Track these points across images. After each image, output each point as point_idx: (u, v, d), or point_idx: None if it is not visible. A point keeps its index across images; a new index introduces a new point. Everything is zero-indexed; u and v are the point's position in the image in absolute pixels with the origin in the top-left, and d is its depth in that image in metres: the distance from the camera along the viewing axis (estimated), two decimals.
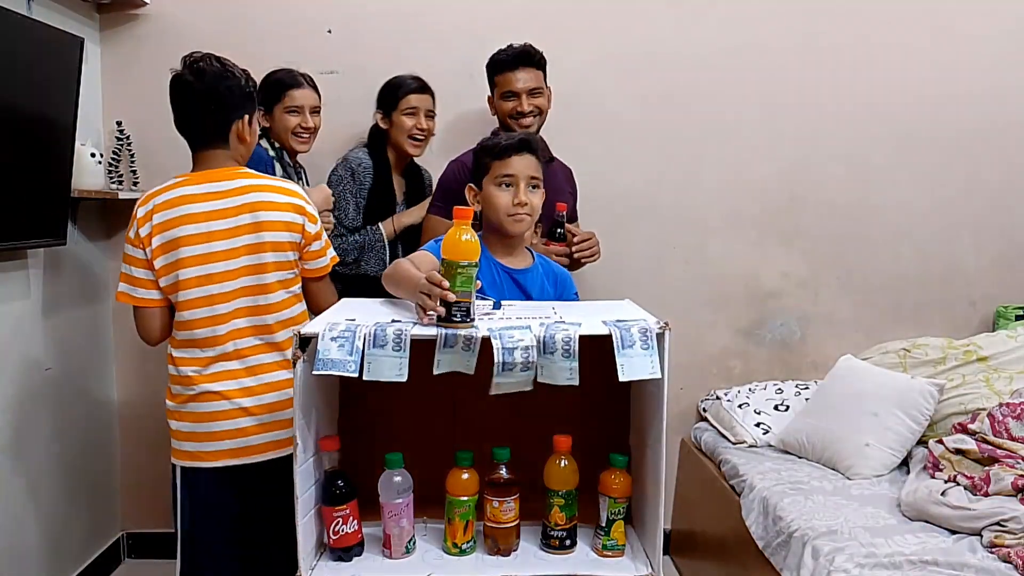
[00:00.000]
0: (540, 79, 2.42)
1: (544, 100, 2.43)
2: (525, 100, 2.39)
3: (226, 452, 1.81)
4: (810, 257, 2.98)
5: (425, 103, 2.49)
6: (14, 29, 2.07)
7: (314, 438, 1.38)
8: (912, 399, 2.39)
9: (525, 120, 2.39)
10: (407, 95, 2.46)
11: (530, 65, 2.40)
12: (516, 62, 2.39)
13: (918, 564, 1.76)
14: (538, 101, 2.41)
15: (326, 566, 1.37)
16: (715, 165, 2.90)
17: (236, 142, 1.87)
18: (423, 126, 2.47)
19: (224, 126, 1.84)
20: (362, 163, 2.46)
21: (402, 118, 2.46)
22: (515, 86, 2.38)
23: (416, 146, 2.50)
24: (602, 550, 1.40)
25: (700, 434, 2.84)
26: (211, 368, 1.81)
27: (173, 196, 1.81)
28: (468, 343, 1.24)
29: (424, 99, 2.49)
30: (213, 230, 1.78)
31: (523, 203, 1.70)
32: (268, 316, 1.82)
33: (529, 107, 2.39)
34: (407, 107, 2.46)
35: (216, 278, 1.78)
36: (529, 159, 1.73)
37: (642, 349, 1.24)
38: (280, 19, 2.78)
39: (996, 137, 2.94)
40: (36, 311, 2.43)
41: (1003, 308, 2.94)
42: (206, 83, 1.81)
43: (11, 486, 2.31)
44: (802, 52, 2.88)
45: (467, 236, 1.29)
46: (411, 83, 2.49)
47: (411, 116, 2.46)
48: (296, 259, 1.87)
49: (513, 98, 2.39)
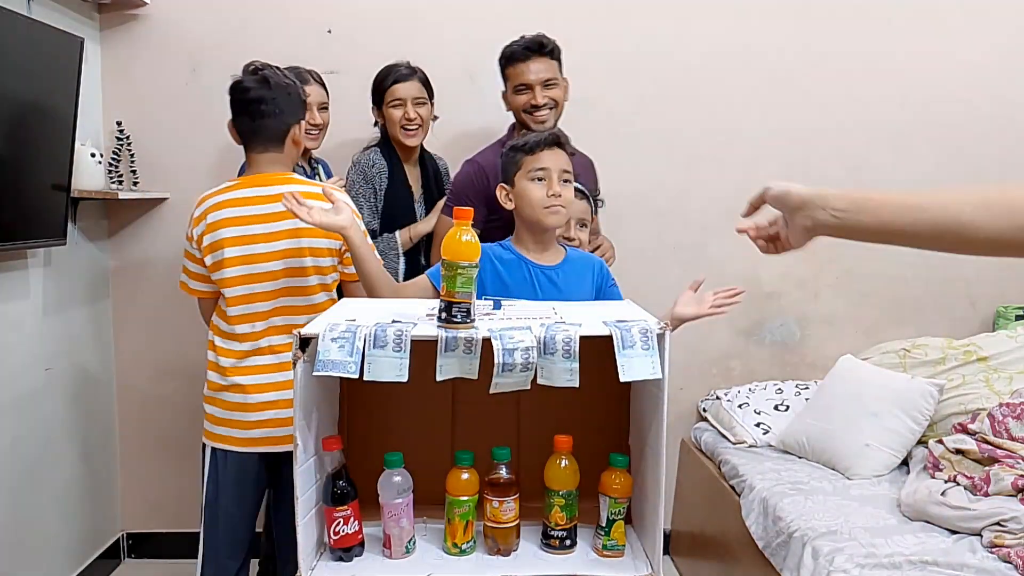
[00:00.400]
0: (554, 69, 2.31)
1: (560, 91, 2.32)
2: (539, 92, 2.28)
3: (251, 440, 1.92)
4: (810, 257, 2.98)
5: (410, 91, 2.42)
6: (14, 29, 2.07)
7: (314, 438, 1.38)
8: (912, 399, 2.39)
9: (540, 113, 2.29)
10: (391, 87, 2.43)
11: (543, 55, 2.29)
12: (528, 52, 2.28)
13: (918, 564, 1.76)
14: (553, 93, 2.30)
15: (326, 566, 1.37)
16: (715, 165, 2.90)
17: (291, 147, 1.97)
18: (411, 116, 2.41)
19: (283, 131, 1.94)
20: (375, 164, 2.43)
21: (390, 111, 2.43)
22: (527, 78, 2.28)
23: (410, 135, 2.44)
24: (602, 550, 1.40)
25: (700, 434, 2.84)
26: (245, 361, 1.92)
27: (223, 199, 1.92)
28: (469, 346, 1.24)
29: (409, 87, 2.42)
30: (254, 233, 1.88)
31: (558, 194, 1.72)
32: (305, 316, 1.88)
33: (543, 99, 2.28)
34: (392, 99, 2.42)
35: (256, 278, 1.89)
36: (560, 154, 1.77)
37: (643, 349, 1.24)
38: (280, 19, 2.78)
39: (996, 137, 2.94)
40: (36, 311, 2.43)
41: (1003, 308, 2.94)
42: (272, 89, 1.90)
43: (11, 486, 2.31)
44: (802, 52, 2.88)
45: (467, 236, 1.29)
46: (394, 73, 2.44)
47: (398, 107, 2.41)
48: (335, 264, 1.95)
49: (526, 91, 2.30)
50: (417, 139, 2.47)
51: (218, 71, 2.74)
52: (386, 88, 2.43)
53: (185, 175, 2.78)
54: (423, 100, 2.45)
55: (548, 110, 2.30)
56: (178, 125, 2.76)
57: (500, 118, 2.62)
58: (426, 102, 2.47)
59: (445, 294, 1.27)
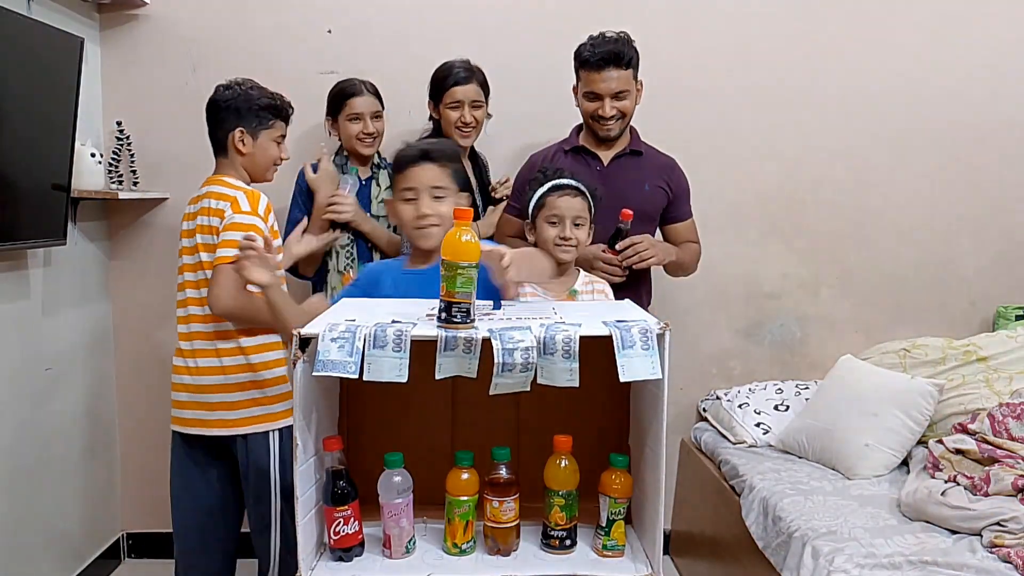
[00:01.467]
0: (628, 80, 2.25)
1: (629, 103, 2.29)
2: (608, 104, 2.25)
3: (175, 419, 2.13)
4: (810, 257, 2.98)
5: (469, 94, 2.45)
6: (14, 29, 2.07)
7: (314, 439, 1.37)
8: (912, 399, 2.39)
9: (607, 124, 2.28)
10: (451, 88, 2.44)
11: (619, 65, 2.22)
12: (602, 63, 2.22)
13: (918, 564, 1.76)
14: (622, 104, 2.27)
15: (326, 566, 1.37)
16: (715, 165, 2.90)
17: (235, 153, 2.11)
18: (467, 120, 2.45)
19: (221, 139, 2.12)
20: None
21: (447, 111, 2.45)
22: (598, 87, 2.23)
23: (464, 137, 2.48)
24: (602, 550, 1.40)
25: (700, 434, 2.84)
26: (179, 344, 2.14)
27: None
28: (468, 345, 1.24)
29: (468, 90, 2.45)
30: (183, 228, 2.12)
31: (424, 214, 1.68)
32: (208, 307, 2.02)
33: (612, 111, 2.25)
34: (451, 101, 2.45)
35: (181, 269, 2.11)
36: (430, 168, 1.70)
37: (642, 350, 1.24)
38: (280, 19, 2.79)
39: (996, 137, 2.94)
40: (36, 311, 2.43)
41: (1003, 308, 2.94)
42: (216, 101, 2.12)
43: (11, 486, 2.31)
44: (802, 52, 2.88)
45: (467, 237, 1.29)
46: (455, 75, 2.45)
47: (455, 109, 2.44)
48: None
49: (596, 100, 2.27)
50: (471, 140, 2.52)
51: (218, 71, 2.74)
52: (445, 89, 2.45)
53: (185, 175, 2.76)
54: (480, 103, 2.49)
55: (615, 121, 2.28)
56: (178, 125, 2.76)
57: (502, 118, 2.63)
58: (482, 104, 2.51)
59: (445, 294, 1.27)
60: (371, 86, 2.50)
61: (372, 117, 2.47)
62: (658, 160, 2.42)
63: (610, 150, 2.37)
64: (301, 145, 2.65)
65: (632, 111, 2.32)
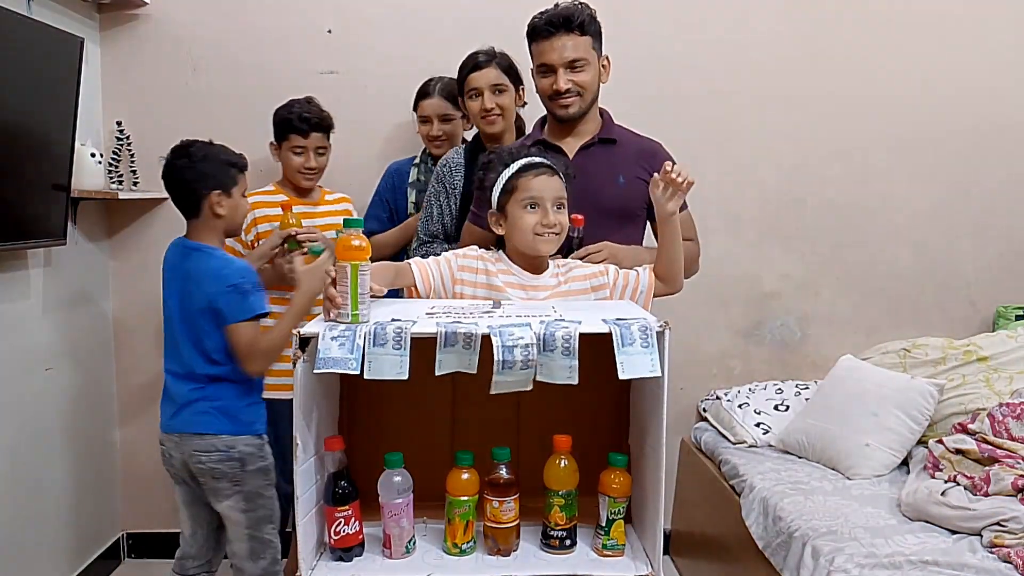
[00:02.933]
0: (586, 48, 1.91)
1: (588, 76, 1.92)
2: (561, 76, 1.91)
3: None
4: (810, 257, 2.98)
5: (488, 78, 2.26)
6: (14, 29, 2.07)
7: (315, 438, 1.38)
8: (912, 399, 2.39)
9: (564, 100, 1.93)
10: (467, 77, 2.30)
11: (570, 30, 1.89)
12: (551, 27, 1.89)
13: (918, 564, 1.76)
14: (580, 77, 1.91)
15: (326, 566, 1.37)
16: (715, 165, 2.90)
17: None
18: (488, 105, 2.25)
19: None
20: (448, 163, 2.29)
21: (470, 102, 2.30)
22: (549, 56, 1.91)
23: (491, 123, 2.27)
24: (602, 550, 1.40)
25: (700, 434, 2.84)
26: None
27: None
28: (468, 341, 1.24)
29: (486, 75, 2.26)
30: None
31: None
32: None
33: (567, 83, 1.91)
34: (469, 89, 2.29)
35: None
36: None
37: (642, 347, 1.24)
38: (280, 19, 2.78)
39: (996, 138, 2.94)
40: (36, 311, 2.43)
41: (1003, 308, 2.94)
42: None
43: (11, 486, 2.31)
44: (802, 52, 2.88)
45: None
46: (469, 61, 2.30)
47: (476, 98, 2.28)
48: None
49: (549, 73, 1.94)
50: (497, 127, 2.28)
51: (218, 71, 2.76)
52: (463, 79, 2.31)
53: None
54: (504, 87, 2.28)
55: (573, 97, 1.93)
56: (178, 125, 2.74)
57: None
58: (507, 88, 2.29)
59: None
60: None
61: (441, 120, 2.45)
62: (636, 146, 2.06)
63: (577, 140, 2.02)
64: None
65: (595, 88, 1.98)
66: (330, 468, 1.38)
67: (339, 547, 1.38)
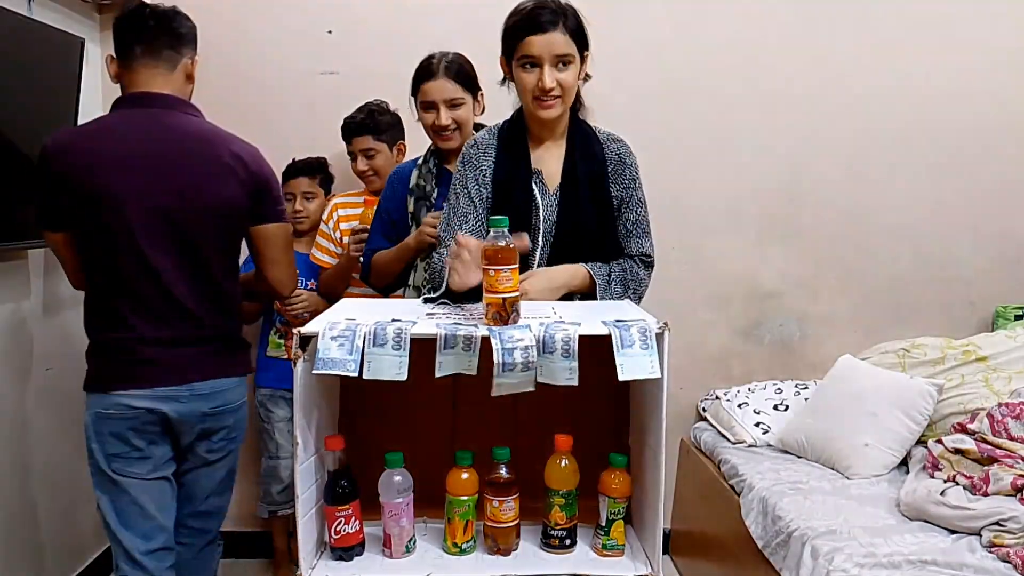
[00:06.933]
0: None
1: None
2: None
3: None
4: (809, 257, 2.99)
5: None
6: (14, 29, 2.07)
7: (315, 437, 1.38)
8: (911, 399, 2.39)
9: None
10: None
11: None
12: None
13: (917, 564, 1.76)
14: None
15: (326, 565, 1.37)
16: (715, 165, 2.90)
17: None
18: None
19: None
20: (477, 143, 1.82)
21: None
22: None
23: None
24: (602, 550, 1.40)
25: (700, 434, 2.84)
26: None
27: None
28: (468, 343, 1.24)
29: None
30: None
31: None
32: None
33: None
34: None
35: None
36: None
37: (642, 349, 1.24)
38: (280, 19, 2.79)
39: (996, 137, 2.94)
40: (36, 311, 2.44)
41: (1002, 308, 2.94)
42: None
43: (11, 486, 2.31)
44: (802, 52, 2.88)
45: None
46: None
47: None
48: None
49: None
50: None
51: (218, 71, 2.75)
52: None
53: None
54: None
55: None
56: None
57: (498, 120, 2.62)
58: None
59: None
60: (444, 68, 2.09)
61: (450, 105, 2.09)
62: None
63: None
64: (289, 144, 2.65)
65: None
66: (330, 467, 1.38)
67: (339, 546, 1.38)
